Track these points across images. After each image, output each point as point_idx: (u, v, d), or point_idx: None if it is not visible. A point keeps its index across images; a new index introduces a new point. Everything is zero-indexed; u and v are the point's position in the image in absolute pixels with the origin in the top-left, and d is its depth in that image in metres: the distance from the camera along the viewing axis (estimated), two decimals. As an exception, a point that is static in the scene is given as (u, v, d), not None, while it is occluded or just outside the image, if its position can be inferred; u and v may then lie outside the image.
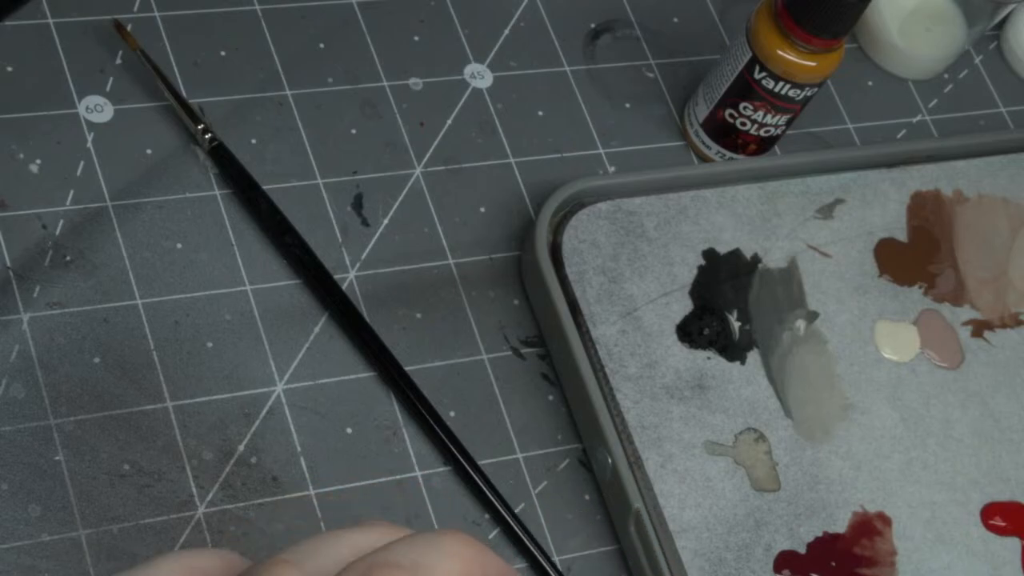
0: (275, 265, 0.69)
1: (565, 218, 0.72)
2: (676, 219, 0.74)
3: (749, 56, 0.74)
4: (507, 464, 0.68)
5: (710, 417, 0.69)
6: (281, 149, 0.73)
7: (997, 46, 0.90)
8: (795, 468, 0.70)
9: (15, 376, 0.63)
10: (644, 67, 0.82)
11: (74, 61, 0.71)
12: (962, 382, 0.75)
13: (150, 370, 0.65)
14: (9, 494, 0.61)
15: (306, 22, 0.77)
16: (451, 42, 0.78)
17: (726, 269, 0.74)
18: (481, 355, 0.70)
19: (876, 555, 0.69)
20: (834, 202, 0.77)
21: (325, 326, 0.69)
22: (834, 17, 0.72)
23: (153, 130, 0.71)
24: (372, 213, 0.72)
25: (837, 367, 0.73)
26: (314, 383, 0.67)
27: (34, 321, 0.65)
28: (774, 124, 0.77)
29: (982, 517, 0.71)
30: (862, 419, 0.72)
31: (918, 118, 0.86)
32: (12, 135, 0.69)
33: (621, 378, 0.69)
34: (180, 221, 0.69)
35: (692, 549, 0.66)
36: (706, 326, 0.72)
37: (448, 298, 0.71)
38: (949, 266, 0.78)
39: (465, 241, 0.73)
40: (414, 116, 0.76)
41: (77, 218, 0.68)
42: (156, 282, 0.67)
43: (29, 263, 0.66)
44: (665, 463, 0.68)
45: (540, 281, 0.70)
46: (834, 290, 0.75)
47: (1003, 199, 0.81)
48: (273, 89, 0.74)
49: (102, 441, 0.63)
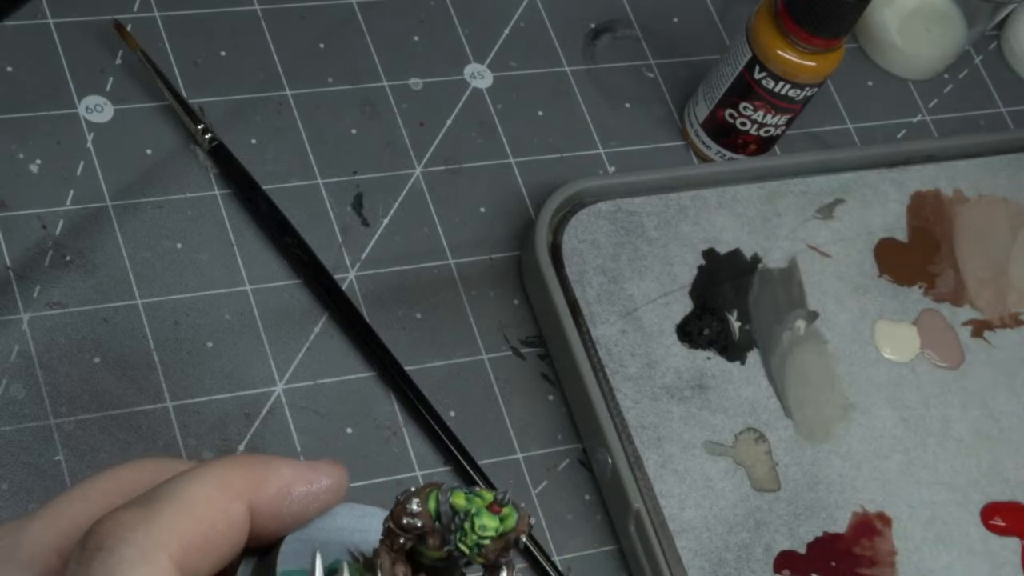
0: (275, 265, 0.69)
1: (565, 218, 0.72)
2: (676, 219, 0.74)
3: (749, 56, 0.74)
4: (507, 464, 0.68)
5: (710, 417, 0.69)
6: (281, 149, 0.73)
7: (997, 46, 0.90)
8: (795, 468, 0.70)
9: (15, 376, 0.63)
10: (644, 67, 0.82)
11: (74, 61, 0.71)
12: (962, 382, 0.75)
13: (150, 370, 0.65)
14: (9, 494, 0.61)
15: (306, 22, 0.77)
16: (451, 42, 0.78)
17: (726, 269, 0.74)
18: (481, 355, 0.70)
19: (876, 555, 0.69)
20: (834, 202, 0.77)
21: (325, 326, 0.69)
22: (834, 17, 0.72)
23: (153, 130, 0.71)
24: (372, 213, 0.72)
25: (837, 367, 0.73)
26: (314, 383, 0.67)
27: (34, 321, 0.65)
28: (774, 124, 0.77)
29: (982, 517, 0.71)
30: (862, 419, 0.72)
31: (918, 118, 0.86)
32: (12, 135, 0.69)
33: (621, 378, 0.69)
34: (180, 221, 0.69)
35: (692, 549, 0.66)
36: (706, 326, 0.72)
37: (448, 298, 0.71)
38: (949, 266, 0.78)
39: (465, 241, 0.73)
40: (414, 116, 0.76)
41: (77, 218, 0.68)
42: (156, 282, 0.67)
43: (29, 263, 0.66)
44: (665, 463, 0.68)
45: (540, 281, 0.70)
46: (834, 290, 0.75)
47: (1003, 199, 0.81)
48: (273, 89, 0.74)
49: (102, 441, 0.63)
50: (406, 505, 0.39)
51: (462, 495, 0.39)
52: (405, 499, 0.39)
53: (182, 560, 0.37)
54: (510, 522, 0.39)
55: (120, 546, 0.37)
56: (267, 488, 0.39)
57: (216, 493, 0.39)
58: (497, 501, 0.39)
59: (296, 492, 0.41)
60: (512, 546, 0.39)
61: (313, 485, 0.41)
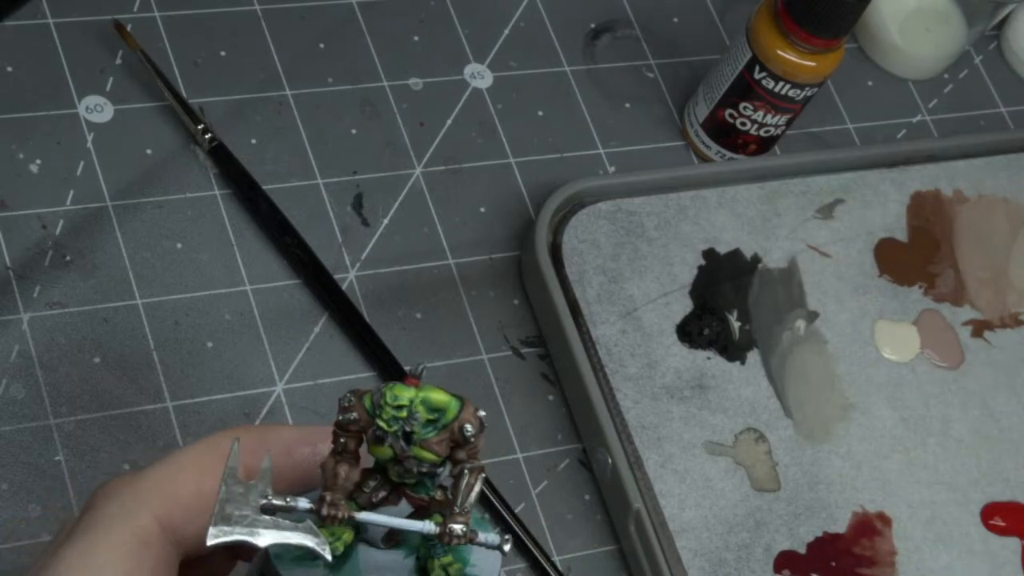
0: (275, 265, 0.69)
1: (565, 218, 0.72)
2: (676, 219, 0.74)
3: (749, 56, 0.74)
4: (507, 464, 0.68)
5: (710, 417, 0.69)
6: (281, 149, 0.73)
7: (997, 46, 0.90)
8: (795, 468, 0.70)
9: (15, 376, 0.63)
10: (644, 67, 0.82)
11: (74, 61, 0.71)
12: (962, 382, 0.75)
13: (150, 370, 0.65)
14: (9, 494, 0.61)
15: (306, 22, 0.76)
16: (451, 42, 0.78)
17: (726, 269, 0.74)
18: (481, 355, 0.70)
19: (876, 555, 0.69)
20: (834, 202, 0.77)
21: (325, 326, 0.69)
22: (834, 17, 0.72)
23: (153, 130, 0.71)
24: (372, 213, 0.72)
25: (837, 367, 0.73)
26: (314, 383, 0.67)
27: (34, 321, 0.65)
28: (774, 124, 0.77)
29: (982, 517, 0.71)
30: (862, 419, 0.72)
31: (918, 118, 0.86)
32: (12, 135, 0.69)
33: (621, 378, 0.69)
34: (180, 221, 0.69)
35: (692, 549, 0.66)
36: (706, 326, 0.72)
37: (448, 298, 0.71)
38: (949, 266, 0.78)
39: (465, 241, 0.73)
40: (414, 116, 0.76)
41: (77, 218, 0.68)
42: (156, 282, 0.67)
43: (29, 263, 0.66)
44: (665, 463, 0.68)
45: (540, 281, 0.70)
46: (834, 290, 0.75)
47: (1003, 199, 0.81)
48: (273, 89, 0.74)
49: (102, 441, 0.63)
50: (342, 403, 0.39)
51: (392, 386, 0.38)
52: (342, 399, 0.38)
53: (165, 518, 0.39)
54: (450, 413, 0.39)
55: (105, 503, 0.39)
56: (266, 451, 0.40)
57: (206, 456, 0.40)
58: (409, 372, 0.39)
59: (298, 454, 0.41)
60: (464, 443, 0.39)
61: (317, 447, 0.42)
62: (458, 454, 0.39)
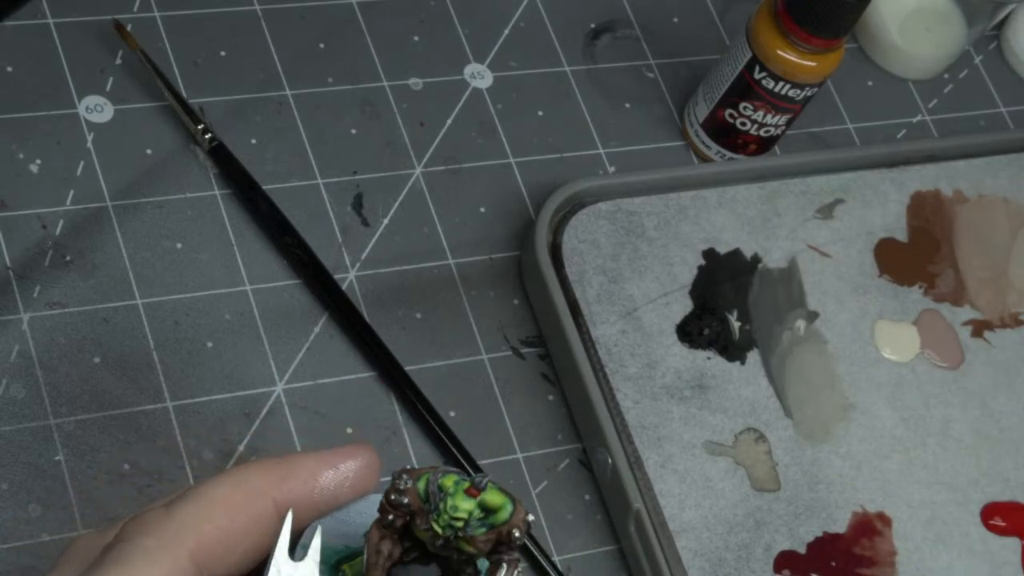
0: (275, 265, 0.69)
1: (565, 218, 0.72)
2: (676, 219, 0.74)
3: (749, 56, 0.74)
4: (507, 464, 0.68)
5: (710, 417, 0.69)
6: (281, 149, 0.73)
7: (997, 46, 0.90)
8: (795, 468, 0.70)
9: (15, 376, 0.63)
10: (644, 67, 0.82)
11: (74, 61, 0.71)
12: (962, 382, 0.75)
13: (150, 370, 0.65)
14: (9, 494, 0.61)
15: (306, 22, 0.77)
16: (451, 42, 0.78)
17: (726, 269, 0.74)
18: (481, 355, 0.70)
19: (876, 555, 0.69)
20: (834, 202, 0.77)
21: (325, 326, 0.69)
22: (834, 17, 0.72)
23: (153, 130, 0.71)
24: (372, 213, 0.72)
25: (837, 367, 0.73)
26: (314, 383, 0.67)
27: (34, 321, 0.65)
28: (774, 124, 0.77)
29: (982, 517, 0.71)
30: (862, 419, 0.72)
31: (918, 118, 0.86)
32: (12, 135, 0.69)
33: (621, 378, 0.69)
34: (180, 221, 0.69)
35: (692, 549, 0.66)
36: (706, 326, 0.72)
37: (448, 298, 0.71)
38: (949, 266, 0.78)
39: (465, 241, 0.73)
40: (414, 116, 0.76)
41: (77, 218, 0.68)
42: (156, 282, 0.67)
43: (29, 263, 0.66)
44: (665, 463, 0.68)
45: (540, 281, 0.70)
46: (834, 290, 0.75)
47: (1003, 199, 0.81)
48: (273, 89, 0.74)
49: (102, 441, 0.63)
50: (396, 483, 0.39)
51: (452, 478, 0.39)
52: (397, 477, 0.39)
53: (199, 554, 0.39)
54: (502, 515, 0.39)
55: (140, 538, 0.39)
56: (292, 482, 0.41)
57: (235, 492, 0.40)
58: (474, 485, 0.39)
59: (323, 479, 0.42)
60: (508, 541, 0.39)
61: (340, 467, 0.42)
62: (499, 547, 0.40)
